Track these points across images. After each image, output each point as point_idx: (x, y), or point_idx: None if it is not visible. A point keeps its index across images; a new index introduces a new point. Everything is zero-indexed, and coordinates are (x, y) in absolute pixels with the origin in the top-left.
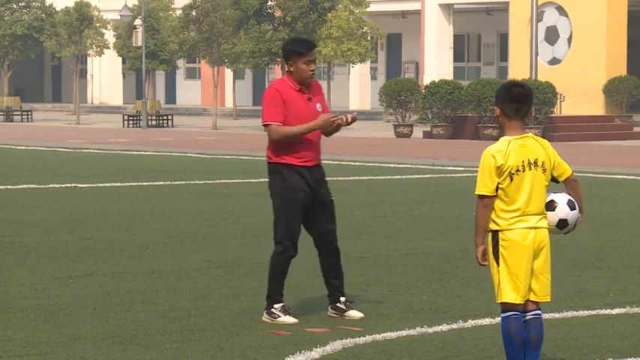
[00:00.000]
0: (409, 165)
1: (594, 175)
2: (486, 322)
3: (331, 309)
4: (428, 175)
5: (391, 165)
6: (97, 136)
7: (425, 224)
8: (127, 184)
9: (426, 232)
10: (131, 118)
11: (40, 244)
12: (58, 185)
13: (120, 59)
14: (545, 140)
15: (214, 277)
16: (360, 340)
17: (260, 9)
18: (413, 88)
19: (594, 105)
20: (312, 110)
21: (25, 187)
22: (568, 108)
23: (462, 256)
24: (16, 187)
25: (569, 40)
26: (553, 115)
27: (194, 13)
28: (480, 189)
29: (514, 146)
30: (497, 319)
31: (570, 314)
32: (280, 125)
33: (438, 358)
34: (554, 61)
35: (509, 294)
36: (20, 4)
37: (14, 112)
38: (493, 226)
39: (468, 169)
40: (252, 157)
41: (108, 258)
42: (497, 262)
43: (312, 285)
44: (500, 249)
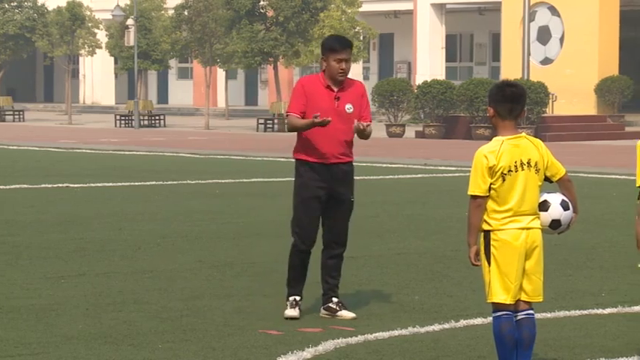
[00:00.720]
0: (401, 165)
1: (586, 175)
2: (478, 321)
3: (323, 309)
4: (420, 175)
5: (383, 165)
6: (89, 136)
7: (417, 224)
8: (119, 184)
9: (418, 232)
10: (123, 118)
11: (32, 244)
12: (50, 185)
13: (112, 59)
14: (539, 140)
15: (206, 277)
16: (352, 340)
17: (252, 9)
18: (405, 88)
19: (586, 105)
20: (339, 109)
21: (17, 187)
22: (560, 108)
23: (454, 256)
24: (8, 187)
25: (561, 40)
26: (545, 115)
27: (186, 12)
28: (473, 189)
29: (507, 146)
30: (489, 318)
31: (562, 314)
32: (294, 116)
33: (430, 357)
34: (546, 61)
35: (499, 294)
36: (12, 3)
37: (6, 112)
38: (485, 226)
39: (460, 169)
40: (244, 157)
41: (100, 258)
42: (489, 262)
43: (305, 285)
44: (492, 249)
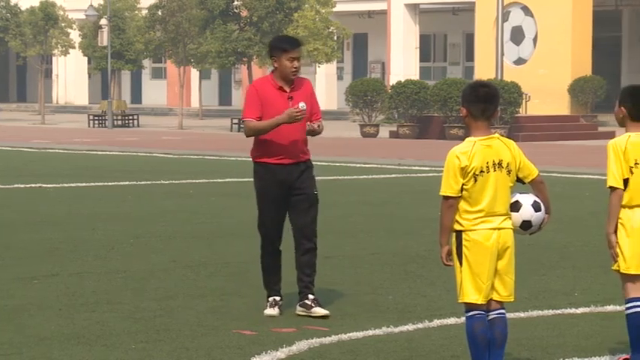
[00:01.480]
0: (375, 165)
1: (559, 175)
2: (452, 321)
3: (299, 306)
4: (394, 175)
5: (357, 165)
6: (62, 136)
7: (391, 224)
8: (93, 184)
9: (392, 232)
10: (97, 118)
11: (5, 244)
12: (22, 185)
13: (85, 59)
14: (512, 141)
15: (180, 277)
16: (326, 340)
17: (226, 9)
18: (379, 88)
19: (559, 105)
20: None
21: None
22: (533, 108)
23: (428, 256)
24: None
25: (534, 40)
26: (519, 115)
27: (160, 12)
28: (445, 190)
29: (479, 147)
30: (463, 318)
31: (535, 313)
32: (253, 120)
33: (403, 357)
34: (519, 61)
35: (471, 294)
36: None
37: None
38: (457, 227)
39: (433, 169)
40: (218, 157)
41: (73, 258)
42: (460, 262)
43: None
44: (464, 249)
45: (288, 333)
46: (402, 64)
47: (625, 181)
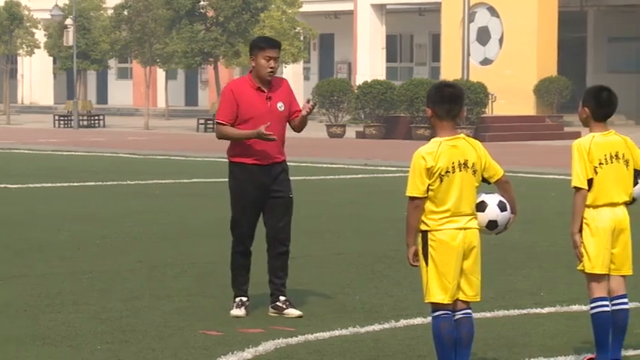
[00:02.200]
0: (342, 165)
1: (525, 175)
2: (418, 321)
3: (271, 308)
4: (361, 176)
5: (324, 165)
6: (27, 137)
7: (357, 224)
8: (58, 184)
9: (359, 232)
10: (62, 118)
11: None
12: None
13: (51, 59)
14: (477, 141)
15: (146, 278)
16: (293, 341)
17: (192, 9)
18: (346, 88)
19: (525, 105)
20: (272, 109)
21: None
22: (499, 108)
23: (395, 256)
24: None
25: (500, 41)
26: (485, 116)
27: (126, 12)
28: (411, 190)
29: (445, 148)
30: (429, 318)
31: (501, 313)
32: (225, 125)
33: (370, 357)
34: (485, 62)
35: (437, 294)
36: None
37: None
38: (423, 227)
39: (400, 169)
40: (184, 158)
41: (39, 259)
42: (427, 262)
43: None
44: (430, 249)
45: (254, 333)
46: (369, 64)
47: (589, 182)
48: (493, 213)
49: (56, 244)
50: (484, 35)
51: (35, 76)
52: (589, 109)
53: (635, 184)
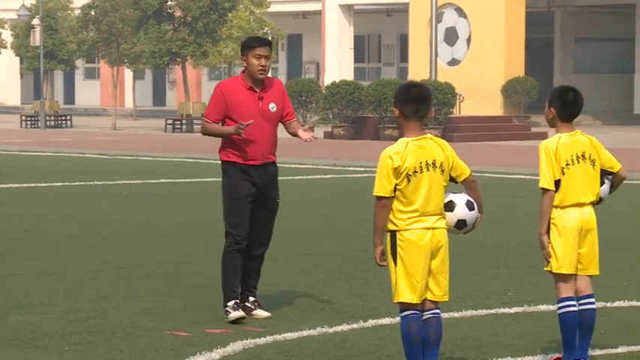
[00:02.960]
0: (310, 165)
1: (492, 175)
2: (386, 321)
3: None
4: (329, 176)
5: (292, 165)
6: None
7: (326, 224)
8: (25, 185)
9: (327, 233)
10: (29, 118)
11: None
12: None
13: (17, 59)
14: (444, 141)
15: (114, 279)
16: (261, 341)
17: (160, 9)
18: (314, 88)
19: (493, 105)
20: (263, 110)
21: None
22: (467, 108)
23: (363, 256)
24: None
25: (468, 41)
26: (452, 116)
27: (93, 12)
28: (378, 190)
29: (412, 147)
30: (397, 318)
31: (469, 313)
32: (209, 122)
33: (338, 357)
34: (453, 62)
35: (405, 294)
36: None
37: None
38: (391, 227)
39: (368, 169)
40: (152, 158)
41: (5, 260)
42: (395, 262)
43: (213, 286)
44: (398, 249)
45: (222, 334)
46: (337, 64)
47: (557, 182)
48: (461, 212)
49: (23, 244)
50: (452, 36)
51: (2, 77)
52: (555, 109)
53: (602, 184)
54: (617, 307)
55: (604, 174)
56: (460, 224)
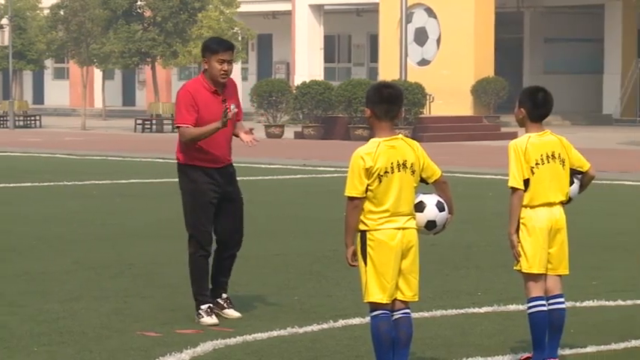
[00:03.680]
0: (280, 165)
1: (462, 175)
2: (357, 321)
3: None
4: (299, 176)
5: (262, 165)
6: None
7: (296, 224)
8: None
9: (297, 233)
10: None
11: None
12: None
13: None
14: (415, 141)
15: (83, 279)
16: (231, 341)
17: (129, 9)
18: (284, 88)
19: (463, 106)
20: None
21: None
22: (437, 109)
23: (333, 256)
24: None
25: (437, 42)
26: (422, 116)
27: (62, 12)
28: (350, 191)
29: (383, 148)
30: (368, 318)
31: (439, 313)
32: (190, 127)
33: (308, 358)
34: (423, 62)
35: (375, 294)
36: None
37: None
38: (362, 227)
39: (338, 169)
40: (121, 158)
41: None
42: (365, 262)
43: (184, 286)
44: (368, 249)
45: (192, 334)
46: (307, 64)
47: (526, 182)
48: (432, 213)
49: None
50: (422, 36)
51: None
52: (525, 109)
53: (572, 183)
54: (587, 307)
55: (573, 173)
56: (430, 225)
